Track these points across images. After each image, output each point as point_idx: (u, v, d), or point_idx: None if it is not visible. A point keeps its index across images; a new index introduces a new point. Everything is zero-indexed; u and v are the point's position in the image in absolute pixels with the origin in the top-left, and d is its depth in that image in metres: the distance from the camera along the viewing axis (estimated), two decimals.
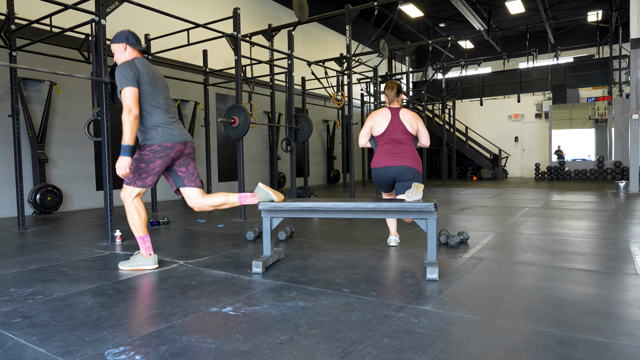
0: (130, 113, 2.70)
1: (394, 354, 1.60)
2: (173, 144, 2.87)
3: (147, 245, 2.95)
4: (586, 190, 9.67)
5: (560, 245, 3.58)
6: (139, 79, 2.79)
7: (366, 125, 3.53)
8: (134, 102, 2.73)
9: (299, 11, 6.64)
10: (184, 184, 3.02)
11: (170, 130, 2.89)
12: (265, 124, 7.72)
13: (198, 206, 3.04)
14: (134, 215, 2.91)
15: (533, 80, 16.99)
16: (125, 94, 2.72)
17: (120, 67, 2.78)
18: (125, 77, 2.74)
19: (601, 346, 1.64)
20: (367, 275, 2.72)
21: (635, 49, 8.74)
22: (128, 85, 2.73)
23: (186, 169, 3.02)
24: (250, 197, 3.00)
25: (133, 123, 2.71)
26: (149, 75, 2.85)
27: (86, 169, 7.37)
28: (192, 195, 3.03)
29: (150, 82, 2.85)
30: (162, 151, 2.85)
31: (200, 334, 1.82)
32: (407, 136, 3.42)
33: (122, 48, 2.90)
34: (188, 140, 2.98)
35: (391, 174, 3.38)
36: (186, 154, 3.00)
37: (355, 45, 14.13)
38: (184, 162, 3.01)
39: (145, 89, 2.82)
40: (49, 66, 6.60)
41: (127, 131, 2.70)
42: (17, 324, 1.97)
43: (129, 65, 2.80)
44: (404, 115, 3.44)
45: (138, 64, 2.83)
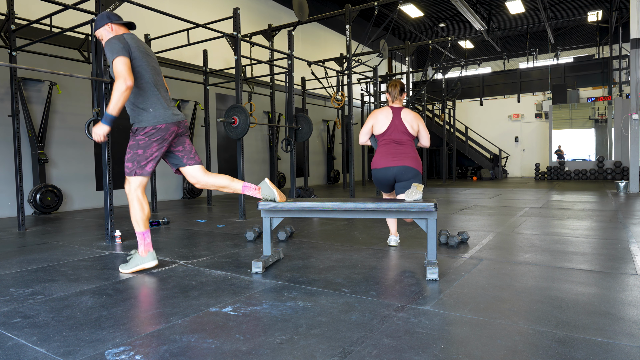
0: (125, 82, 2.59)
1: (394, 354, 1.60)
2: (167, 125, 2.80)
3: (146, 241, 2.90)
4: (586, 190, 9.67)
5: (560, 245, 3.58)
6: (130, 52, 2.70)
7: (367, 124, 3.53)
8: (128, 71, 2.62)
9: (299, 11, 6.64)
10: (183, 162, 2.97)
11: (162, 111, 2.81)
12: (265, 124, 7.72)
13: (201, 183, 2.99)
14: (136, 209, 2.86)
15: (533, 80, 16.99)
16: (118, 63, 2.61)
17: (109, 41, 2.69)
18: (115, 48, 2.64)
19: (601, 346, 1.64)
20: (367, 275, 2.72)
21: (635, 49, 8.74)
22: (119, 54, 2.63)
23: (183, 147, 2.97)
24: (253, 189, 2.95)
25: (124, 93, 2.60)
26: (140, 50, 2.77)
27: (86, 169, 7.37)
28: (193, 173, 2.98)
29: (141, 57, 2.76)
30: (156, 134, 2.78)
31: (200, 334, 1.82)
32: (407, 137, 3.42)
33: (109, 29, 2.82)
34: (181, 120, 2.91)
35: (391, 174, 3.38)
36: (179, 133, 2.93)
37: (355, 45, 14.13)
38: (179, 141, 2.96)
39: (136, 63, 2.74)
40: (49, 66, 6.60)
41: (115, 100, 2.59)
42: (17, 324, 1.97)
43: (117, 38, 2.70)
44: (406, 116, 3.44)
45: (127, 39, 2.75)
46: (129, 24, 2.91)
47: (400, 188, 3.39)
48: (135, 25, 2.93)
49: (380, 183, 3.50)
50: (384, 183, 3.48)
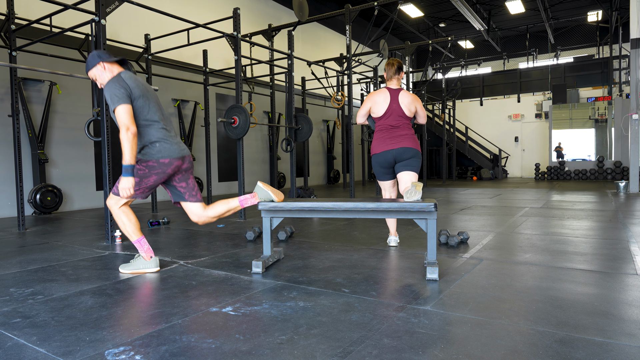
0: (128, 131, 2.59)
1: (394, 354, 1.60)
2: (170, 160, 2.80)
3: (145, 247, 2.90)
4: (586, 190, 9.67)
5: (560, 245, 3.58)
6: (131, 95, 2.69)
7: (365, 106, 3.55)
8: (130, 119, 2.63)
9: (299, 11, 6.64)
10: (185, 198, 2.99)
11: (168, 145, 2.81)
12: (265, 124, 7.72)
13: (202, 220, 3.02)
14: (123, 221, 2.86)
15: (533, 80, 16.99)
16: (120, 112, 2.62)
17: (109, 85, 2.68)
18: (116, 95, 2.63)
19: (601, 346, 1.64)
20: (367, 275, 2.72)
21: (635, 49, 8.74)
22: (121, 102, 2.62)
23: (186, 184, 2.98)
24: (250, 199, 2.98)
25: (132, 141, 2.61)
26: (140, 88, 2.76)
27: (86, 169, 7.37)
28: (194, 210, 3.00)
29: (142, 95, 2.75)
30: (158, 167, 2.79)
31: (200, 334, 1.82)
32: (404, 120, 3.46)
33: (101, 68, 2.79)
34: (186, 154, 2.91)
35: (391, 156, 3.43)
36: (184, 169, 2.94)
37: (355, 45, 14.13)
38: (184, 177, 2.96)
39: (139, 104, 2.73)
40: (49, 66, 6.60)
41: (127, 150, 2.59)
42: (17, 324, 1.97)
43: (117, 81, 2.69)
44: (403, 99, 3.44)
45: (126, 79, 2.73)
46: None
47: (401, 167, 3.44)
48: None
49: (381, 167, 3.53)
50: (384, 166, 3.51)
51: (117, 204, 2.84)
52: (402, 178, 3.45)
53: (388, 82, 3.55)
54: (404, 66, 17.56)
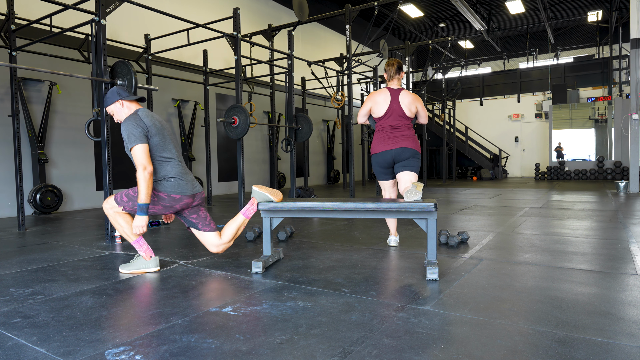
0: (145, 170, 2.65)
1: (394, 354, 1.60)
2: (181, 197, 2.85)
3: (144, 247, 2.91)
4: (586, 190, 9.67)
5: (560, 245, 3.58)
6: (147, 133, 2.75)
7: (365, 106, 3.56)
8: (147, 159, 2.69)
9: (299, 11, 6.64)
10: (199, 228, 3.03)
11: (183, 183, 2.86)
12: (265, 124, 7.72)
13: (221, 249, 3.07)
14: (121, 224, 2.88)
15: (533, 80, 16.99)
16: (137, 151, 2.68)
17: (126, 123, 2.73)
18: (133, 134, 2.68)
19: (601, 346, 1.64)
20: (367, 275, 2.72)
21: (635, 49, 8.74)
22: (137, 142, 2.68)
23: (197, 216, 3.02)
24: (250, 207, 3.03)
25: (149, 180, 2.66)
26: (156, 126, 2.81)
27: (86, 169, 7.37)
28: (211, 240, 3.03)
29: (158, 133, 2.80)
30: (167, 201, 2.83)
31: (200, 334, 1.82)
32: (405, 120, 3.46)
33: (120, 105, 2.85)
34: (197, 192, 2.95)
35: (390, 156, 3.43)
36: (194, 205, 2.98)
37: (355, 45, 14.13)
38: (194, 210, 3.00)
39: (155, 141, 2.78)
40: (49, 66, 6.60)
41: (143, 189, 2.65)
42: (17, 324, 1.97)
43: (134, 120, 2.74)
44: (404, 99, 3.44)
45: (143, 117, 2.78)
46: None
47: (400, 167, 3.45)
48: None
49: (380, 167, 3.53)
50: (383, 166, 3.51)
51: (113, 208, 2.88)
52: (401, 178, 3.45)
53: (389, 83, 3.55)
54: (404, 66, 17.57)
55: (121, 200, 2.84)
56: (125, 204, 2.84)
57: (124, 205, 2.84)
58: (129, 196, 2.83)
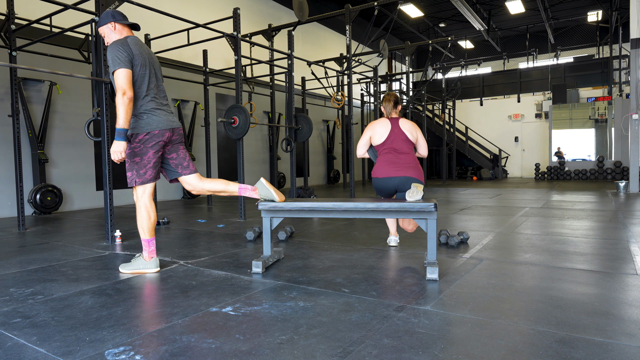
0: (124, 95, 2.62)
1: (394, 354, 1.60)
2: (160, 131, 2.79)
3: (151, 248, 2.90)
4: (586, 190, 9.67)
5: (560, 245, 3.58)
6: (132, 60, 2.70)
7: (364, 135, 3.52)
8: (128, 84, 2.65)
9: (299, 11, 6.64)
10: (179, 172, 2.97)
11: (156, 117, 2.80)
12: (265, 124, 7.72)
13: (196, 189, 2.99)
14: (143, 216, 2.85)
15: (533, 80, 16.99)
16: (119, 75, 2.64)
17: (112, 47, 2.68)
18: (118, 57, 2.64)
19: (601, 346, 1.64)
20: (367, 275, 2.72)
21: (635, 49, 8.74)
22: (121, 66, 2.64)
23: (177, 155, 2.96)
24: (250, 190, 2.95)
25: (128, 105, 2.62)
26: (142, 57, 2.76)
27: (86, 169, 7.37)
28: (189, 180, 2.99)
29: (142, 64, 2.76)
30: (150, 139, 2.77)
31: (200, 334, 1.82)
32: (408, 145, 3.41)
33: (112, 28, 2.80)
34: (175, 126, 2.90)
35: (393, 184, 3.35)
36: (173, 140, 2.92)
37: (355, 45, 14.13)
38: (173, 148, 2.94)
39: (136, 72, 2.73)
40: (49, 66, 6.60)
41: (122, 114, 2.61)
42: (17, 324, 1.97)
43: (121, 44, 2.70)
44: (404, 125, 3.44)
45: (131, 44, 2.73)
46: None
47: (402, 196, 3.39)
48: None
49: (380, 192, 3.47)
50: (384, 192, 3.45)
51: (142, 195, 2.83)
52: None
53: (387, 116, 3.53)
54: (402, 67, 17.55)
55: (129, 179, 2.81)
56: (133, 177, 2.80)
57: (133, 181, 2.81)
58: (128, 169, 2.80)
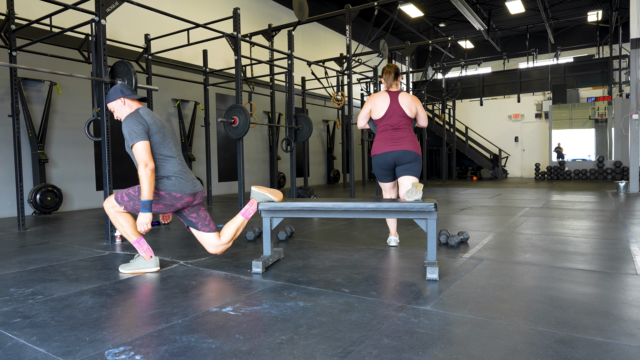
0: (147, 167, 2.66)
1: (394, 354, 1.60)
2: (182, 196, 2.85)
3: (144, 247, 2.91)
4: (586, 190, 9.67)
5: (560, 245, 3.58)
6: (148, 130, 2.76)
7: (365, 108, 3.56)
8: (148, 156, 2.70)
9: (299, 11, 6.64)
10: (198, 228, 3.03)
11: (183, 181, 2.86)
12: (265, 124, 7.72)
13: (220, 250, 3.06)
14: (121, 223, 2.87)
15: (533, 80, 16.99)
16: (138, 148, 2.69)
17: (127, 121, 2.74)
18: (134, 131, 2.69)
19: (601, 346, 1.64)
20: (367, 275, 2.72)
21: (635, 49, 8.74)
22: (139, 139, 2.69)
23: (197, 215, 3.01)
24: (250, 208, 3.03)
25: (151, 177, 2.67)
26: (157, 124, 2.82)
27: (86, 169, 7.37)
28: (209, 241, 3.03)
29: (159, 131, 2.81)
30: (168, 199, 2.83)
31: (200, 334, 1.82)
32: (405, 121, 3.45)
33: (121, 103, 2.86)
34: (198, 191, 2.95)
35: (391, 158, 3.41)
36: (195, 204, 2.98)
37: (355, 45, 14.13)
38: (194, 209, 3.00)
39: (156, 139, 2.79)
40: (49, 66, 6.60)
41: (146, 186, 2.66)
42: (17, 324, 1.97)
43: (135, 117, 2.75)
44: (403, 99, 3.45)
45: (144, 115, 2.80)
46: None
47: (401, 171, 3.44)
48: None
49: (381, 168, 3.52)
50: (384, 168, 3.50)
51: (114, 207, 2.87)
52: (402, 182, 3.45)
53: (387, 89, 3.56)
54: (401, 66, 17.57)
55: (122, 200, 2.84)
56: (127, 203, 2.84)
57: (125, 204, 2.84)
58: (130, 195, 2.83)
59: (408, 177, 3.41)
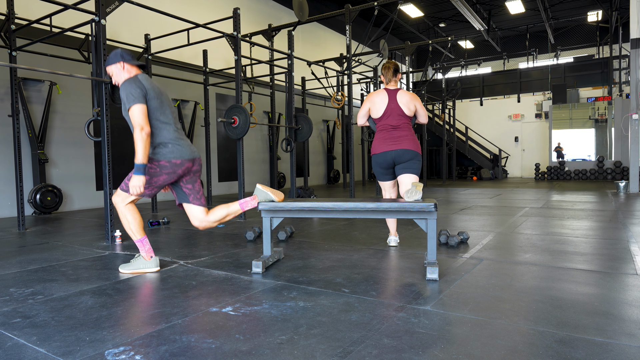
0: (142, 130, 2.65)
1: (394, 354, 1.60)
2: (182, 161, 2.84)
3: (146, 247, 2.91)
4: (586, 190, 9.67)
5: (560, 245, 3.58)
6: (146, 95, 2.76)
7: (364, 106, 3.56)
8: (145, 119, 2.69)
9: (299, 11, 6.64)
10: (189, 200, 3.00)
11: (180, 147, 2.85)
12: (265, 124, 7.72)
13: (203, 225, 3.02)
14: (128, 219, 2.86)
15: (533, 80, 16.99)
16: (135, 111, 2.68)
17: (125, 85, 2.74)
18: (132, 94, 2.69)
19: (601, 346, 1.64)
20: (367, 275, 2.72)
21: (635, 49, 8.74)
22: (136, 102, 2.68)
23: (192, 187, 3.00)
24: (250, 201, 3.00)
25: (146, 141, 2.66)
26: (155, 90, 2.82)
27: (86, 169, 7.37)
28: (196, 214, 3.00)
29: (157, 97, 2.81)
30: (169, 167, 2.82)
31: (200, 334, 1.82)
32: (404, 120, 3.45)
33: (120, 67, 2.85)
34: (196, 157, 2.95)
35: (390, 157, 3.42)
36: (194, 171, 2.97)
37: (355, 45, 14.13)
38: (191, 179, 2.98)
39: (153, 104, 2.78)
40: (49, 66, 6.60)
41: (141, 149, 2.65)
42: (17, 324, 1.97)
43: (134, 81, 2.75)
44: (401, 98, 3.44)
45: (142, 80, 2.80)
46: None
47: (401, 169, 3.44)
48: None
49: (380, 168, 3.53)
50: (384, 167, 3.50)
51: (124, 201, 2.85)
52: (402, 181, 3.45)
53: (386, 85, 3.56)
54: (401, 66, 17.57)
55: (126, 186, 2.82)
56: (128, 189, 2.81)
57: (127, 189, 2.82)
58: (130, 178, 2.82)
59: (408, 176, 3.41)
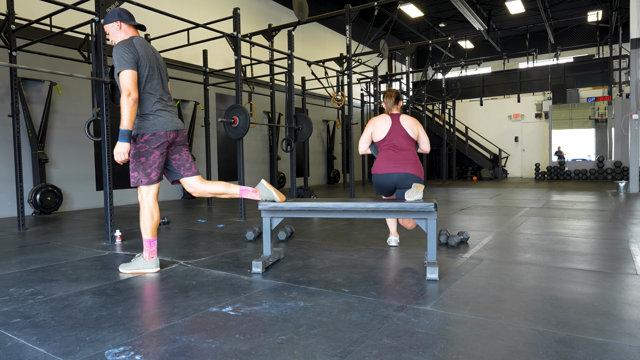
0: (129, 96, 2.61)
1: (394, 354, 1.60)
2: (166, 133, 2.80)
3: (152, 249, 2.90)
4: (586, 190, 9.67)
5: (560, 245, 3.58)
6: (138, 61, 2.69)
7: (366, 132, 3.51)
8: (133, 85, 2.64)
9: (299, 11, 6.64)
10: (181, 174, 2.97)
11: (161, 119, 2.79)
12: (265, 124, 7.72)
13: (197, 192, 2.99)
14: (147, 216, 2.85)
15: (533, 80, 16.99)
16: (124, 76, 2.63)
17: (118, 47, 2.67)
18: (124, 58, 2.63)
19: (601, 346, 1.64)
20: (367, 275, 2.72)
21: (635, 49, 8.74)
22: (127, 67, 2.63)
23: (179, 156, 2.95)
24: (251, 192, 2.95)
25: (132, 107, 2.61)
26: (148, 57, 2.75)
27: (86, 169, 7.37)
28: (190, 182, 2.97)
29: (148, 65, 2.75)
30: (155, 140, 2.77)
31: (200, 334, 1.82)
32: (408, 141, 3.40)
33: (117, 27, 2.78)
34: (180, 128, 2.90)
35: (392, 181, 3.36)
36: (177, 142, 2.92)
37: (355, 45, 14.13)
38: (176, 149, 2.94)
39: (142, 72, 2.72)
40: (49, 66, 6.60)
41: (126, 115, 2.60)
42: (17, 324, 1.97)
43: (127, 45, 2.68)
44: (405, 121, 3.42)
45: (137, 45, 2.72)
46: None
47: (401, 195, 3.38)
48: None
49: (380, 188, 3.47)
50: (384, 189, 3.45)
51: (146, 196, 2.83)
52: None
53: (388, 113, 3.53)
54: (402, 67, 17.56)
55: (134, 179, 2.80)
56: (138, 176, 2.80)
57: (139, 179, 2.80)
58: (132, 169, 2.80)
59: None
